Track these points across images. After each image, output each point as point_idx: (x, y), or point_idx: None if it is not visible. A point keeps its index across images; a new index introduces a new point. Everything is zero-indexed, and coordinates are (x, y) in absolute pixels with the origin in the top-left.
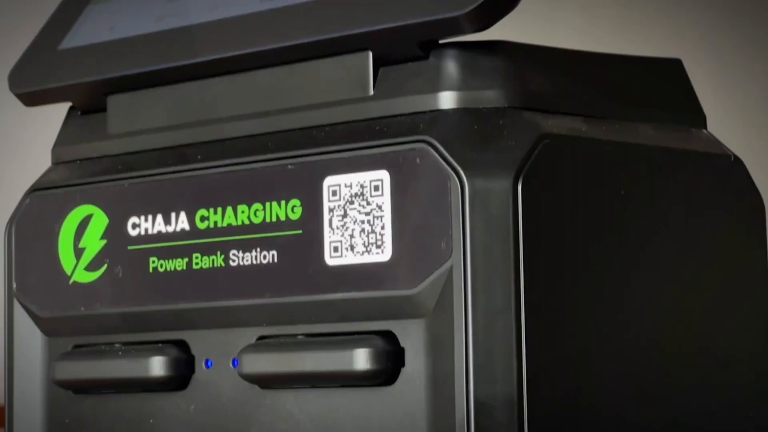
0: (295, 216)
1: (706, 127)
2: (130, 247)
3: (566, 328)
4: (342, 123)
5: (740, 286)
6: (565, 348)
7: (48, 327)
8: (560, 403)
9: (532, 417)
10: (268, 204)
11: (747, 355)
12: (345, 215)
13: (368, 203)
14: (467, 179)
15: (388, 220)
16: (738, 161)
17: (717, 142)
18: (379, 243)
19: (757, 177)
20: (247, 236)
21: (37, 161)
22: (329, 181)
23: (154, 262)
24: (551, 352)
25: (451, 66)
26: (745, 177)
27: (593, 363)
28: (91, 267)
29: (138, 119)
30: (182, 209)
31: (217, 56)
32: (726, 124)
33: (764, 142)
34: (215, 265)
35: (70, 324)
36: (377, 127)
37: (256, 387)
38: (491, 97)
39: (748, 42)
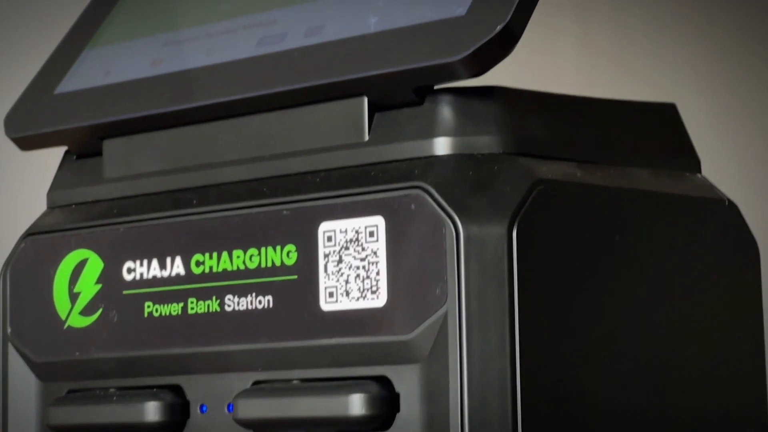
0: (290, 261)
1: (700, 172)
2: (125, 292)
3: (561, 373)
4: (337, 168)
5: (734, 330)
6: (561, 392)
7: (42, 372)
8: None
9: None
10: (263, 249)
11: (741, 400)
12: (340, 261)
13: (363, 249)
14: (462, 225)
15: (383, 265)
16: (732, 206)
17: (711, 187)
18: (374, 288)
19: (751, 221)
20: (243, 281)
21: (33, 205)
22: (324, 227)
23: (149, 306)
24: (546, 396)
25: (446, 112)
26: (740, 221)
27: (589, 406)
28: (86, 311)
29: (133, 164)
30: (178, 254)
31: (212, 101)
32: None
33: (759, 186)
34: (210, 309)
35: (64, 369)
36: (372, 173)
37: None
38: (486, 143)
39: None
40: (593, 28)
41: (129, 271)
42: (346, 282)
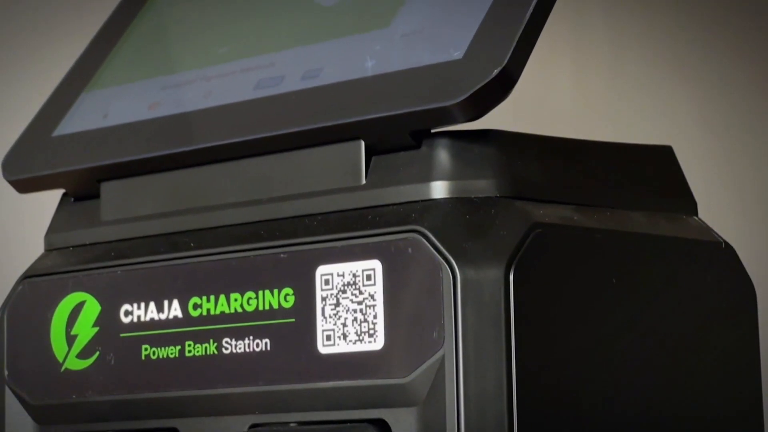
0: (287, 304)
1: (696, 214)
2: (122, 335)
3: (558, 415)
4: (334, 212)
5: (732, 372)
6: None
7: (39, 415)
8: None
9: None
10: (260, 292)
11: None
12: (337, 304)
13: (361, 292)
14: (459, 269)
15: (380, 309)
16: (728, 248)
17: (707, 229)
18: (371, 332)
19: (748, 263)
20: (240, 324)
21: (30, 248)
22: (322, 270)
23: (146, 349)
24: None
25: (443, 155)
26: (736, 263)
27: None
28: (83, 354)
29: (131, 206)
30: (175, 297)
31: (210, 144)
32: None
33: (755, 227)
34: (208, 352)
35: (61, 412)
36: (369, 217)
37: None
38: (483, 186)
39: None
40: (589, 70)
41: (126, 313)
42: (344, 325)
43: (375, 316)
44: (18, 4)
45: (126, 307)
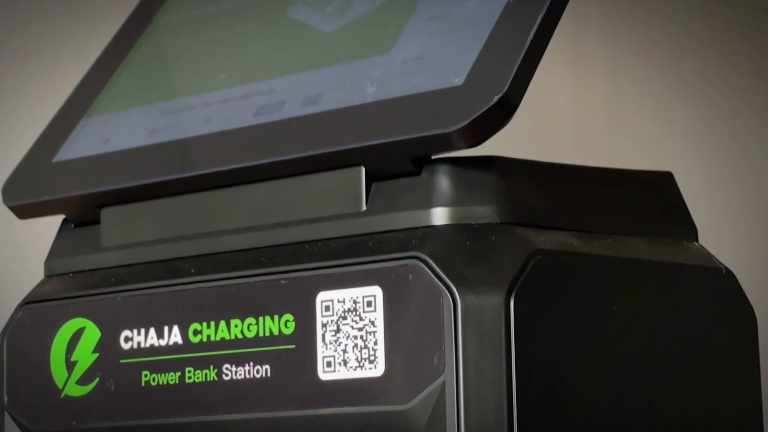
0: (288, 331)
1: (697, 240)
2: (122, 361)
3: None
4: (335, 238)
5: (732, 397)
6: None
7: None
8: None
9: None
10: (261, 318)
11: None
12: (338, 330)
13: (361, 318)
14: (459, 295)
15: (380, 335)
16: (729, 273)
17: (708, 255)
18: (371, 358)
19: (748, 289)
20: (240, 350)
21: (30, 273)
22: (322, 297)
23: (146, 375)
24: None
25: (443, 182)
26: (736, 289)
27: None
28: (82, 381)
29: (131, 232)
30: (175, 323)
31: (210, 170)
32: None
33: (755, 253)
34: (208, 379)
35: None
36: (370, 243)
37: None
38: (483, 213)
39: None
40: (589, 96)
41: (126, 340)
42: (344, 351)
43: (375, 343)
44: (20, 30)
45: (126, 333)
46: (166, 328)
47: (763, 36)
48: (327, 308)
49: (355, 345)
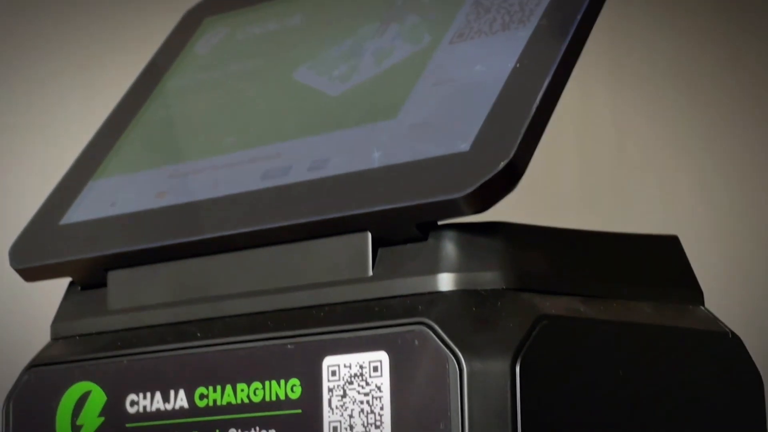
0: (294, 395)
1: (703, 304)
2: (128, 425)
3: None
4: (341, 303)
5: None
6: None
7: None
8: None
9: None
10: (267, 383)
11: None
12: (344, 395)
13: (367, 384)
14: (465, 361)
15: (387, 400)
16: (735, 338)
17: (714, 320)
18: (378, 423)
19: (755, 353)
20: (246, 415)
21: (36, 336)
22: (328, 361)
23: None
24: None
25: (449, 248)
26: (743, 354)
27: None
28: None
29: (138, 295)
30: (181, 387)
31: (217, 234)
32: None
33: (762, 318)
34: None
35: None
36: (376, 308)
37: None
38: (489, 278)
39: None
40: (595, 159)
41: (132, 404)
42: (350, 417)
43: (382, 408)
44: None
45: (132, 397)
46: (172, 392)
47: (766, 93)
48: (333, 373)
49: (362, 410)
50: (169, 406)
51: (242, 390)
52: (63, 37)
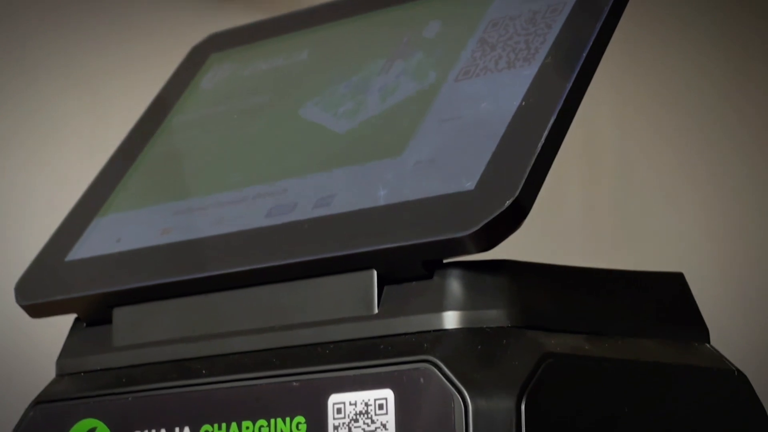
0: None
1: (709, 341)
2: None
3: None
4: (347, 341)
5: None
6: None
7: None
8: None
9: None
10: (272, 420)
11: None
12: None
13: (373, 421)
14: (471, 399)
15: None
16: (741, 376)
17: (720, 357)
18: None
19: (761, 391)
20: None
21: (42, 373)
22: (334, 399)
23: None
24: None
25: (455, 286)
26: (749, 392)
27: None
28: None
29: (143, 332)
30: (186, 424)
31: (222, 272)
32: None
33: None
34: None
35: None
36: (382, 346)
37: None
38: (494, 316)
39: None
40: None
41: None
42: None
43: None
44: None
45: None
46: (177, 430)
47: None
48: (339, 410)
49: None
50: None
51: (247, 428)
52: (70, 73)
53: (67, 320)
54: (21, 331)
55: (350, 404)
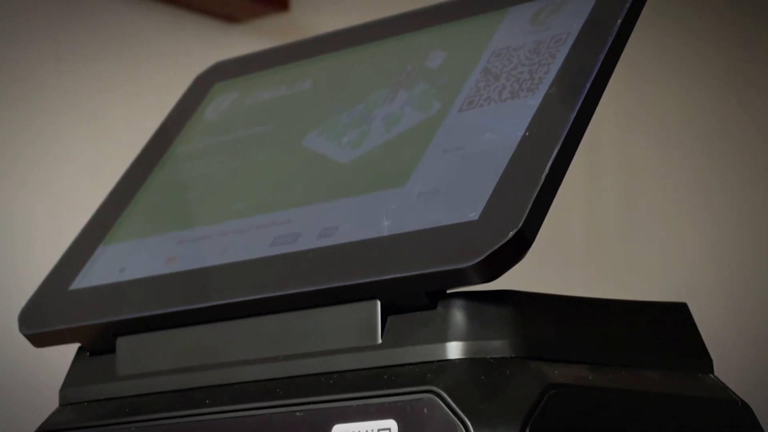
0: None
1: (712, 372)
2: None
3: None
4: (350, 371)
5: None
6: None
7: None
8: None
9: None
10: None
11: None
12: None
13: None
14: (474, 430)
15: None
16: (745, 406)
17: (723, 388)
18: None
19: (765, 422)
20: None
21: (46, 402)
22: (338, 429)
23: None
24: None
25: (458, 316)
26: (753, 422)
27: None
28: None
29: (147, 362)
30: None
31: (226, 301)
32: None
33: None
34: None
35: None
36: (385, 376)
37: None
38: (498, 347)
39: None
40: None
41: None
42: None
43: None
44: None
45: None
46: None
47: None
48: None
49: None
50: None
51: None
52: (74, 105)
53: (71, 349)
54: (24, 361)
55: None
